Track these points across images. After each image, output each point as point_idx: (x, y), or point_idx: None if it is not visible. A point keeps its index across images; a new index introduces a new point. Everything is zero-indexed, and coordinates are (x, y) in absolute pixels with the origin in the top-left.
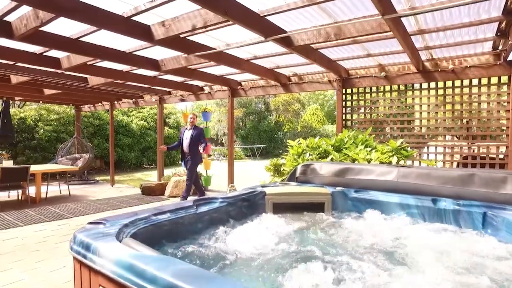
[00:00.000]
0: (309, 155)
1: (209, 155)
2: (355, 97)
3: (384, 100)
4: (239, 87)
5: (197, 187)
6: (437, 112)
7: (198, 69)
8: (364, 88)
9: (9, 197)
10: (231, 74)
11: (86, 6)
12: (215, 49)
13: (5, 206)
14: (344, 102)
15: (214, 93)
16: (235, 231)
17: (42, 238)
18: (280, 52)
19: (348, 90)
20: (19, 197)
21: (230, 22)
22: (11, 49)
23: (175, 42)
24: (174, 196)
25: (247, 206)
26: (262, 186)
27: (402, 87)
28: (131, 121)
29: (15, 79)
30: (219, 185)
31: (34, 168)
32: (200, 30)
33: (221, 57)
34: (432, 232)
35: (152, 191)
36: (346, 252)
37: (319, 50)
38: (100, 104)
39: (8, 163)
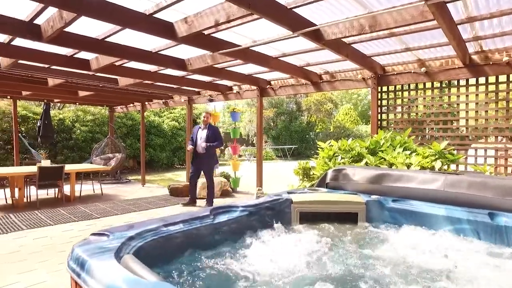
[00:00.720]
0: (341, 158)
1: (240, 156)
2: (391, 95)
3: (424, 98)
4: (268, 86)
5: (192, 191)
6: (487, 111)
7: (226, 68)
8: (402, 85)
9: (47, 195)
10: (259, 73)
11: (107, 4)
12: (241, 46)
13: (43, 203)
14: (379, 101)
15: (243, 92)
16: (257, 244)
17: (69, 238)
18: (310, 48)
19: (384, 88)
20: (56, 195)
21: (255, 16)
22: (45, 52)
23: (199, 39)
24: (202, 198)
25: (271, 215)
26: (289, 193)
27: (444, 84)
28: (163, 122)
29: (51, 81)
30: (249, 186)
31: (69, 167)
32: (224, 26)
33: (248, 55)
34: (490, 252)
35: (179, 192)
36: (381, 273)
37: (352, 45)
38: (132, 105)
39: (46, 163)
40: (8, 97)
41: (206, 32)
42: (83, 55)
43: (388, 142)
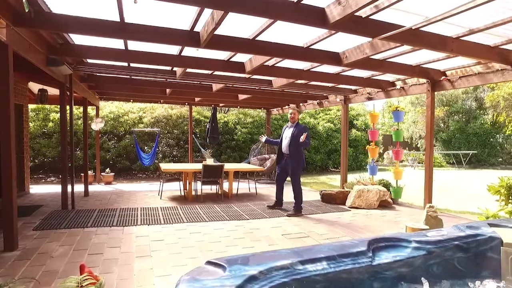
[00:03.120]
0: None
1: (401, 161)
2: None
3: None
4: (443, 78)
5: (279, 193)
6: None
7: (387, 59)
8: None
9: (210, 190)
10: (431, 62)
11: None
12: (406, 26)
13: (206, 197)
14: None
15: (408, 88)
16: None
17: (218, 237)
18: None
19: None
20: (217, 191)
21: None
22: (207, 59)
23: (355, 23)
24: (356, 207)
25: (464, 260)
26: (490, 225)
27: None
28: (318, 123)
29: (215, 87)
30: (412, 198)
31: (228, 166)
32: (386, 2)
33: (417, 37)
34: None
35: (332, 199)
36: None
37: None
38: (287, 106)
39: (210, 161)
40: (186, 103)
41: (363, 15)
42: (238, 58)
43: None
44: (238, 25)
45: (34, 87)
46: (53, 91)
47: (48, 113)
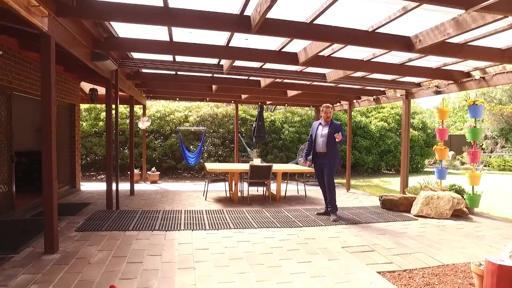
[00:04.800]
0: None
1: (462, 163)
2: None
3: None
4: None
5: (332, 192)
6: None
7: (469, 43)
8: None
9: (257, 191)
10: None
11: None
12: None
13: (253, 199)
14: None
15: (490, 78)
16: None
17: (269, 248)
18: None
19: None
20: (264, 193)
21: None
22: (256, 50)
23: None
24: (424, 216)
25: None
26: None
27: None
28: (370, 122)
29: (263, 82)
30: (488, 207)
31: (276, 167)
32: None
33: None
34: None
35: (394, 206)
36: None
37: None
38: (338, 104)
39: (257, 161)
40: (232, 101)
41: None
42: (291, 48)
43: None
44: (294, 6)
45: (86, 87)
46: (103, 90)
47: (99, 112)
